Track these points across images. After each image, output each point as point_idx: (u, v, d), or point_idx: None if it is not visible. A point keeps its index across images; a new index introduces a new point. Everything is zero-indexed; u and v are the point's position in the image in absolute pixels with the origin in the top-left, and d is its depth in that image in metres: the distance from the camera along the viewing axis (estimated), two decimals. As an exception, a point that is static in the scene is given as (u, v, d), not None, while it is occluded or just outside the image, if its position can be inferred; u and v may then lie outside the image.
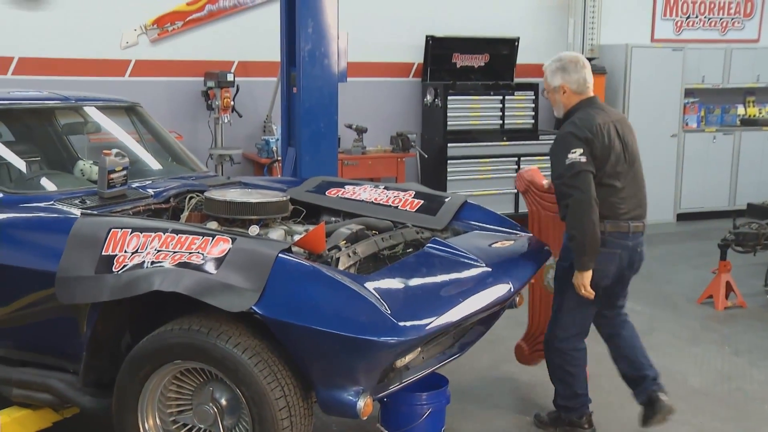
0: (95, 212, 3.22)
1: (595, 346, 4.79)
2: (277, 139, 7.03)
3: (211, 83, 7.03)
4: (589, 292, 3.50)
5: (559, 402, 3.83)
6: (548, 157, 3.59)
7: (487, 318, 3.55)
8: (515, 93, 8.20)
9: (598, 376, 4.40)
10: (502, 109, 8.15)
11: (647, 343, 3.92)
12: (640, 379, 3.78)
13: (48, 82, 6.50)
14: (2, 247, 3.14)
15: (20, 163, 3.74)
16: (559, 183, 3.48)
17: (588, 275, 3.47)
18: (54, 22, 6.79)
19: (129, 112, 4.41)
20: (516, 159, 8.10)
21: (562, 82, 3.56)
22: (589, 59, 8.35)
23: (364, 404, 2.64)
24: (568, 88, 3.57)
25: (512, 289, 3.23)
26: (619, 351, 3.87)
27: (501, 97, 8.13)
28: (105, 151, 3.51)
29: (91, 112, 4.28)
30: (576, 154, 3.41)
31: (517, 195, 8.11)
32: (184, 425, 2.92)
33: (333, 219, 3.84)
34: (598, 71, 8.39)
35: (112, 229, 2.93)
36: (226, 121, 7.11)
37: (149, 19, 7.16)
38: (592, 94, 3.62)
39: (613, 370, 3.91)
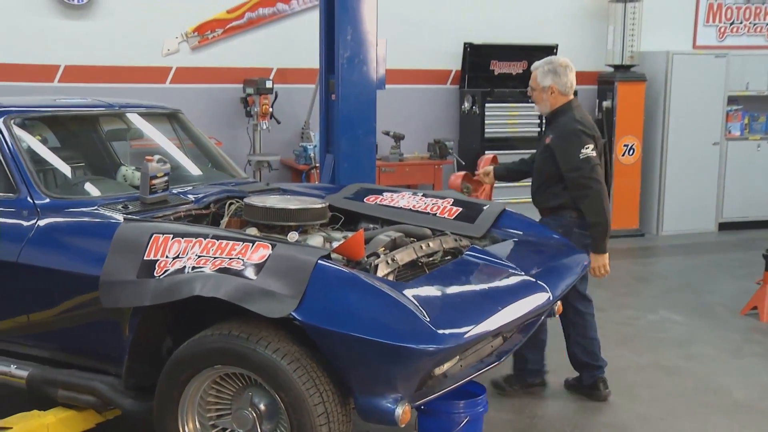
0: (137, 217, 3.28)
1: (636, 358, 4.74)
2: (315, 146, 7.07)
3: (250, 90, 7.11)
4: (608, 271, 3.96)
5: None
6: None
7: (525, 326, 3.52)
8: (554, 100, 8.14)
9: (638, 386, 4.35)
10: (541, 117, 8.07)
11: (687, 354, 3.87)
12: (592, 367, 4.15)
13: (92, 89, 6.64)
14: (48, 251, 3.21)
15: (66, 169, 3.82)
16: (576, 176, 3.84)
17: (607, 256, 3.96)
18: (99, 30, 6.93)
19: (170, 118, 4.46)
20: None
21: (552, 83, 3.98)
22: (629, 66, 8.37)
23: (403, 411, 2.63)
24: (556, 89, 3.99)
25: (551, 298, 3.21)
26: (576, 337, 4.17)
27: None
28: (147, 157, 3.55)
29: (134, 118, 4.34)
30: (589, 149, 3.85)
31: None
32: (224, 429, 2.94)
33: (371, 226, 3.84)
34: (637, 79, 8.34)
35: (154, 234, 2.97)
36: (264, 127, 7.17)
37: (190, 27, 7.26)
38: (572, 97, 4.06)
39: (654, 379, 3.86)
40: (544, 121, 8.00)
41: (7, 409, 3.24)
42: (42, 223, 3.30)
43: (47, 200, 3.40)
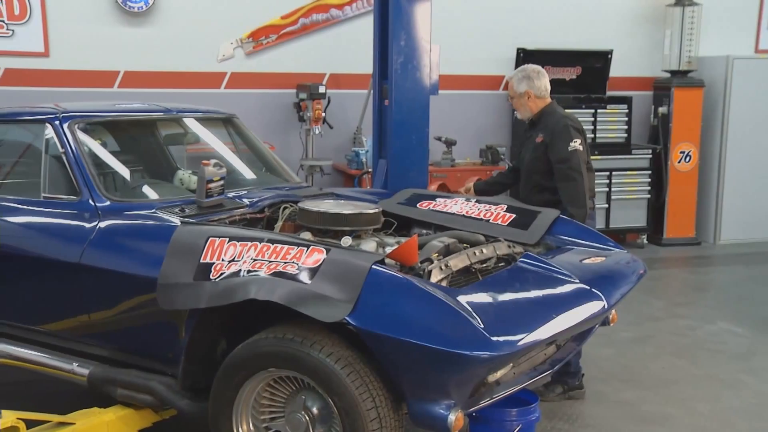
0: (194, 221, 3.33)
1: (693, 369, 4.64)
2: (367, 151, 7.10)
3: (303, 95, 7.16)
4: None
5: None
6: (548, 147, 4.17)
7: (579, 335, 3.48)
8: (608, 106, 8.04)
9: (696, 399, 4.25)
10: (594, 123, 7.99)
11: (748, 368, 3.77)
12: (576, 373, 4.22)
13: (149, 95, 6.78)
14: (108, 253, 3.28)
15: (125, 172, 3.90)
16: (563, 167, 4.10)
17: None
18: (157, 37, 7.07)
19: (226, 123, 4.53)
20: (608, 173, 7.94)
21: (527, 88, 4.27)
22: (686, 72, 8.21)
23: (456, 418, 2.62)
24: (532, 93, 4.27)
25: (606, 306, 3.16)
26: None
27: (593, 111, 7.97)
28: (204, 162, 3.61)
29: (191, 123, 4.42)
30: (577, 143, 4.13)
31: (608, 210, 7.96)
32: (276, 432, 2.97)
33: (424, 232, 3.84)
34: (695, 84, 8.17)
35: (210, 238, 3.01)
36: (317, 132, 7.22)
37: (245, 32, 7.36)
38: (550, 100, 4.34)
39: (712, 393, 3.77)
40: (596, 128, 8.01)
41: (69, 405, 3.32)
42: (103, 225, 3.38)
43: (108, 203, 3.48)
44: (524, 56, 7.92)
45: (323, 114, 7.17)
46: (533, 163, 4.27)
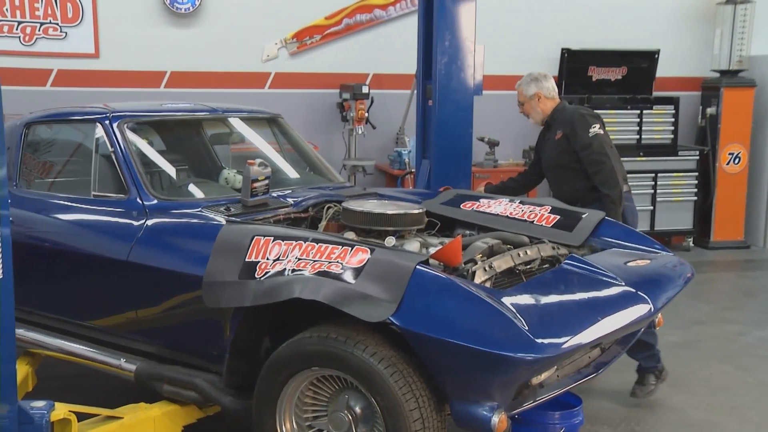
0: (239, 219, 3.36)
1: (743, 376, 4.55)
2: (410, 151, 7.10)
3: (346, 95, 7.20)
4: None
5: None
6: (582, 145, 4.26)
7: (624, 338, 3.44)
8: (654, 107, 7.91)
9: (745, 406, 4.17)
10: (640, 124, 7.87)
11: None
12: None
13: (194, 94, 6.88)
14: (154, 251, 3.33)
15: (172, 171, 3.96)
16: (588, 152, 4.23)
17: None
18: (203, 37, 7.18)
19: (271, 123, 4.56)
20: (653, 175, 7.81)
21: (537, 90, 4.40)
22: (737, 71, 8.04)
23: (499, 420, 2.60)
24: (542, 94, 4.40)
25: (652, 310, 3.11)
26: None
27: (638, 111, 7.86)
28: (249, 161, 3.64)
29: (236, 123, 4.45)
30: (596, 128, 4.26)
31: (653, 212, 7.84)
32: (319, 431, 2.98)
33: (468, 232, 3.83)
34: (746, 84, 8.00)
35: (255, 237, 3.03)
36: (360, 132, 7.24)
37: (289, 33, 7.42)
38: (558, 100, 4.48)
39: (764, 400, 3.68)
40: (642, 129, 7.89)
41: (116, 399, 3.39)
42: (150, 223, 3.44)
43: (155, 201, 3.53)
44: (569, 56, 7.86)
45: (366, 114, 7.19)
46: (558, 158, 4.39)
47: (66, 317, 3.75)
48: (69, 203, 3.79)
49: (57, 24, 6.81)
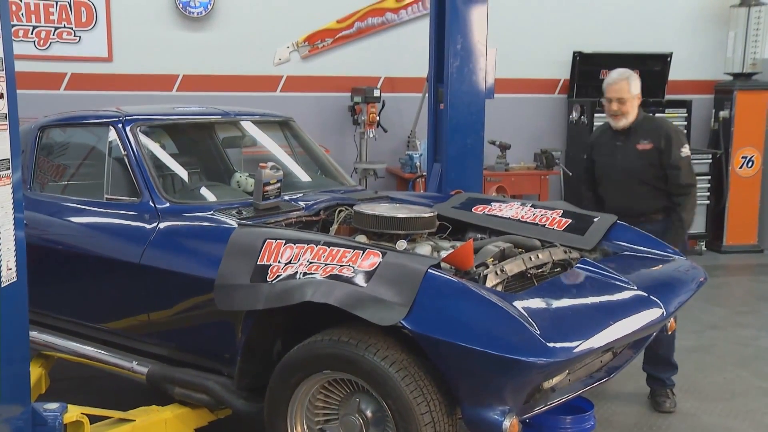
0: (251, 223, 3.37)
1: (758, 381, 4.52)
2: (421, 155, 7.10)
3: (357, 98, 7.21)
4: None
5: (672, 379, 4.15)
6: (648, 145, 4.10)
7: (636, 342, 3.42)
8: (666, 110, 7.88)
9: (760, 412, 4.13)
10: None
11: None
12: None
13: (207, 98, 6.91)
14: (168, 254, 3.35)
15: (184, 174, 3.97)
16: (676, 173, 4.04)
17: None
18: (215, 41, 7.21)
19: (283, 126, 4.57)
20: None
21: (639, 90, 4.13)
22: (750, 74, 7.99)
23: (510, 424, 2.60)
24: (639, 95, 4.15)
25: (665, 314, 3.10)
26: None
27: (651, 114, 7.81)
28: (261, 164, 3.65)
29: (248, 126, 4.47)
30: (687, 149, 4.08)
31: (666, 215, 7.78)
32: (331, 434, 2.99)
33: (479, 236, 3.82)
34: (760, 87, 7.95)
35: (267, 240, 3.04)
36: (371, 135, 7.25)
37: (301, 36, 7.44)
38: None
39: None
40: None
41: (128, 401, 3.40)
42: (162, 226, 3.45)
43: (167, 204, 3.54)
44: (581, 59, 7.84)
45: (378, 117, 7.20)
46: (643, 172, 4.11)
47: (79, 320, 3.77)
48: (82, 206, 3.81)
49: (71, 28, 6.86)
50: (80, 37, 6.90)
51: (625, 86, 4.10)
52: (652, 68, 8.07)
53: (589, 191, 4.46)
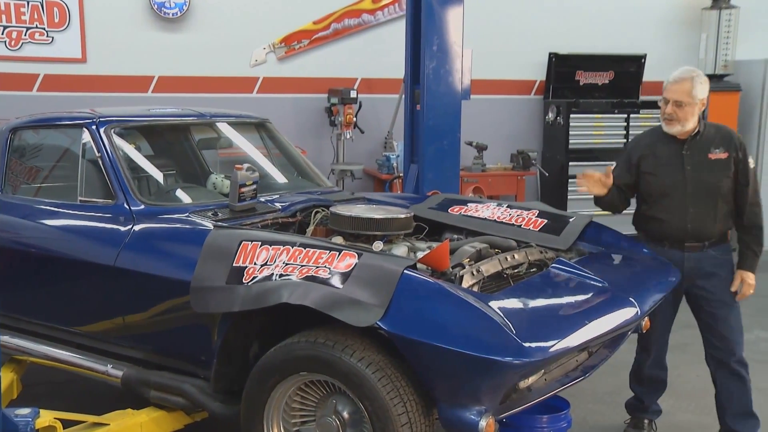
0: (227, 224, 3.35)
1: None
2: (398, 156, 7.11)
3: (334, 100, 7.20)
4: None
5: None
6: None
7: (611, 341, 3.44)
8: (641, 111, 7.98)
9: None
10: (627, 128, 7.93)
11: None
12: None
13: (183, 99, 6.86)
14: (143, 256, 3.32)
15: (159, 176, 3.95)
16: (752, 190, 3.58)
17: None
18: (191, 42, 7.16)
19: (259, 127, 4.55)
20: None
21: (706, 95, 3.55)
22: (722, 76, 8.07)
23: (486, 424, 2.61)
24: (706, 101, 3.57)
25: (639, 313, 3.13)
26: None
27: (626, 116, 7.92)
28: (237, 166, 3.64)
29: (224, 128, 4.45)
30: (752, 160, 3.59)
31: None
32: (307, 436, 2.98)
33: (456, 237, 3.83)
34: (731, 89, 8.05)
35: (243, 242, 3.03)
36: (348, 136, 7.25)
37: (277, 37, 7.42)
38: None
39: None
40: (629, 133, 7.92)
41: (103, 405, 3.37)
42: (137, 228, 3.43)
43: (142, 207, 3.52)
44: (556, 60, 7.90)
45: (354, 118, 7.20)
46: (720, 185, 3.56)
47: (53, 323, 3.73)
48: (55, 209, 3.77)
49: (43, 29, 6.78)
50: (53, 37, 6.82)
51: (687, 87, 3.50)
52: (627, 69, 8.16)
53: (618, 209, 3.85)
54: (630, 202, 3.85)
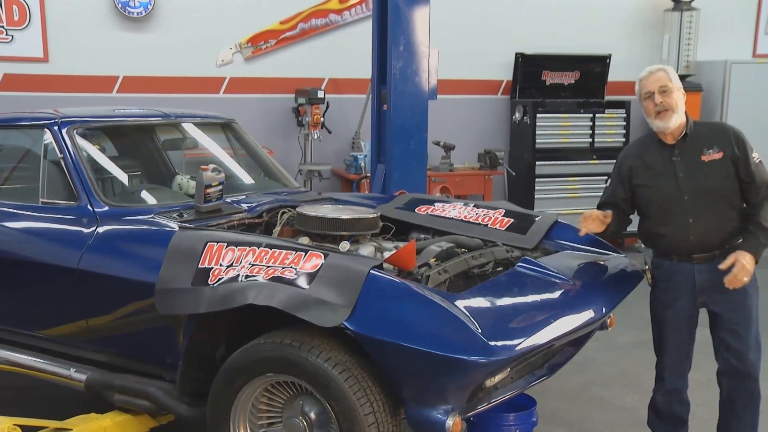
0: (192, 225, 3.33)
1: (696, 374, 4.57)
2: (366, 156, 7.11)
3: (302, 100, 7.18)
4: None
5: None
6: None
7: (577, 339, 3.48)
8: (606, 111, 8.06)
9: (695, 404, 4.22)
10: (593, 128, 8.00)
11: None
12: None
13: (149, 100, 6.79)
14: (107, 258, 3.28)
15: (123, 177, 3.91)
16: (755, 187, 3.21)
17: None
18: (156, 42, 7.09)
19: (225, 128, 4.53)
20: (606, 178, 7.90)
21: (681, 85, 3.32)
22: (684, 77, 8.20)
23: (453, 423, 2.62)
24: (684, 92, 3.32)
25: (604, 311, 3.16)
26: None
27: (591, 115, 7.99)
28: (202, 167, 3.61)
29: (190, 128, 4.42)
30: (757, 154, 3.24)
31: (607, 214, 7.95)
32: (274, 437, 2.97)
33: (423, 236, 3.84)
34: (693, 89, 8.15)
35: (209, 243, 3.01)
36: (315, 137, 7.23)
37: (244, 37, 7.38)
38: None
39: (715, 400, 3.71)
40: (595, 132, 8.02)
41: (66, 410, 3.32)
42: (101, 230, 3.39)
43: (106, 208, 3.48)
44: (523, 60, 7.95)
45: (322, 119, 7.19)
46: (722, 187, 3.23)
47: (14, 327, 3.67)
48: (16, 210, 3.72)
49: (2, 27, 6.66)
50: (13, 36, 6.70)
51: (663, 75, 3.28)
52: (592, 70, 8.24)
53: (621, 233, 3.65)
54: (631, 220, 3.60)
